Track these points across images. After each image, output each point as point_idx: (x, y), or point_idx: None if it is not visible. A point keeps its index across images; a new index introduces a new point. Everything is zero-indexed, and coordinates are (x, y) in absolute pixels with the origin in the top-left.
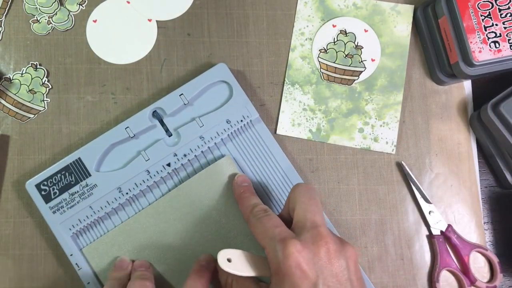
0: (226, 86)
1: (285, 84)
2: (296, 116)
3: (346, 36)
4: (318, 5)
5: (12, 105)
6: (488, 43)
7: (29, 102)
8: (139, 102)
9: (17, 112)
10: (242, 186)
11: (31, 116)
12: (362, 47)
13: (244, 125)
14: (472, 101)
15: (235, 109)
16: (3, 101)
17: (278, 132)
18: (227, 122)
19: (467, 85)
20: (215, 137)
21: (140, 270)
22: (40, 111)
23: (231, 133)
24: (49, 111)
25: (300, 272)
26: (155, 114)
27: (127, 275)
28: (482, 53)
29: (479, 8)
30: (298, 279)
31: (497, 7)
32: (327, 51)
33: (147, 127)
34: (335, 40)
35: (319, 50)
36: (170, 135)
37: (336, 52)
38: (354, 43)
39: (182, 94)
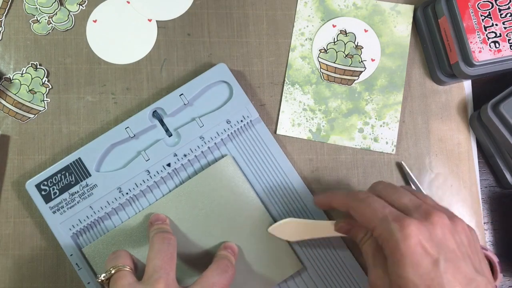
0: (226, 86)
1: (285, 84)
2: (296, 116)
3: (346, 36)
4: (318, 5)
5: (12, 105)
6: (488, 43)
7: (29, 102)
8: (139, 102)
9: (17, 112)
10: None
11: (31, 116)
12: (362, 47)
13: (244, 125)
14: (472, 101)
15: (235, 109)
16: (3, 101)
17: (278, 132)
18: (227, 122)
19: (467, 85)
20: (215, 137)
21: (157, 224)
22: (40, 111)
23: (231, 133)
24: (49, 111)
25: (422, 250)
26: (155, 114)
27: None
28: (482, 53)
29: (479, 8)
30: (419, 257)
31: (497, 7)
32: (327, 51)
33: (147, 127)
34: (335, 40)
35: (319, 50)
36: (170, 135)
37: (336, 52)
38: (354, 43)
39: (182, 94)
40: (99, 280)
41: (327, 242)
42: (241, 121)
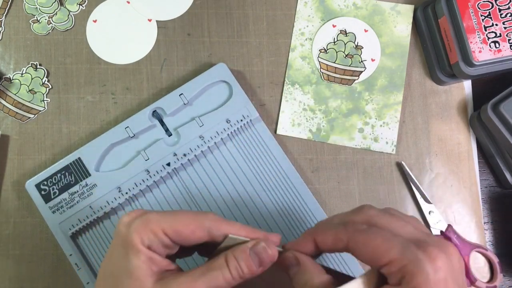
0: (226, 85)
1: (285, 84)
2: (296, 116)
3: (346, 36)
4: (318, 5)
5: (12, 105)
6: (488, 43)
7: (29, 102)
8: (139, 102)
9: (17, 112)
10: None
11: (31, 116)
12: (362, 47)
13: (244, 124)
14: (472, 101)
15: (235, 108)
16: (3, 101)
17: (278, 132)
18: (227, 121)
19: (467, 85)
20: (215, 136)
21: None
22: (40, 111)
23: (231, 132)
24: (49, 111)
25: (445, 285)
26: (155, 114)
27: None
28: (482, 53)
29: (479, 8)
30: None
31: (497, 7)
32: (327, 51)
33: (147, 126)
34: (335, 40)
35: (319, 50)
36: (170, 134)
37: (336, 52)
38: (354, 43)
39: (182, 94)
40: None
41: None
42: (241, 120)
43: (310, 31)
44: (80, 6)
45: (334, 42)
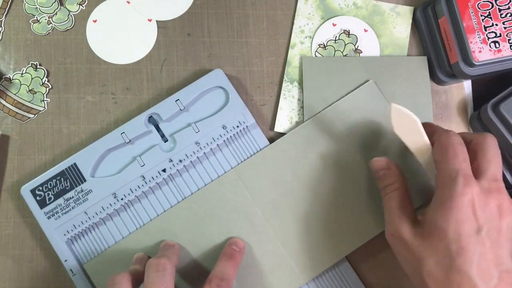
0: (222, 91)
1: (283, 81)
2: (294, 114)
3: (348, 37)
4: (318, 3)
5: (12, 105)
6: (488, 43)
7: (29, 102)
8: (139, 103)
9: (17, 112)
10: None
11: (31, 116)
12: (361, 52)
13: (240, 130)
14: (472, 101)
15: (231, 114)
16: (3, 101)
17: (275, 129)
18: (223, 127)
19: (467, 85)
20: (211, 142)
21: (162, 250)
22: (40, 111)
23: (227, 138)
24: (49, 111)
25: (470, 213)
26: (151, 119)
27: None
28: (482, 53)
29: (479, 8)
30: (465, 217)
31: (497, 7)
32: (326, 48)
33: (142, 132)
34: (337, 38)
35: (318, 45)
36: (165, 140)
37: (335, 51)
38: (354, 45)
39: (178, 99)
40: None
41: None
42: (237, 126)
43: (310, 29)
44: (80, 6)
45: (335, 40)
